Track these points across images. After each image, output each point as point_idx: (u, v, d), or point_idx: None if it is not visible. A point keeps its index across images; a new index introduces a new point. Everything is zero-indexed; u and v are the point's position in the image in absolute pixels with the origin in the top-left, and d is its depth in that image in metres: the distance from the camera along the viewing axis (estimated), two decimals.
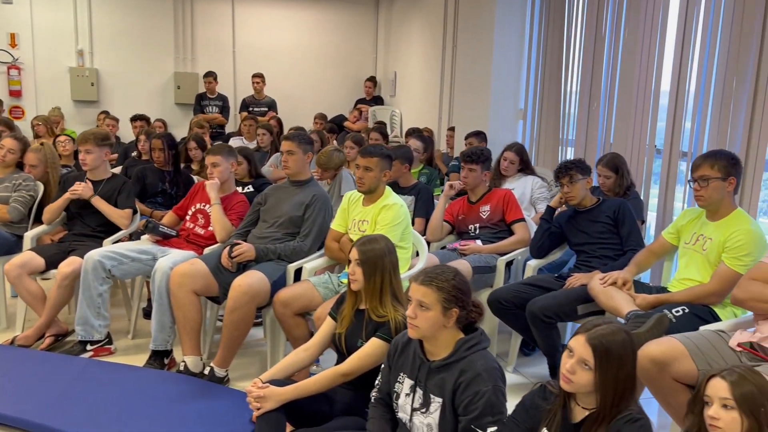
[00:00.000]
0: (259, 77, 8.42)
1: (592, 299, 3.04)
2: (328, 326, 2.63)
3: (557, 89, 5.58)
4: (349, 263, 2.55)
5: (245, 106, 8.44)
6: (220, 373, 3.24)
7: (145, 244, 3.74)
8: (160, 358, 3.40)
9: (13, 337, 3.64)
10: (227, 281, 3.24)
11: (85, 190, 3.84)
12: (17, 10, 8.34)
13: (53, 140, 5.61)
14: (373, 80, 9.37)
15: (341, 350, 2.56)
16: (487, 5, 6.01)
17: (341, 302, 2.65)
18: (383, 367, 2.31)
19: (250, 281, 3.14)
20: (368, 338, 2.44)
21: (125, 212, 3.90)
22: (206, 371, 3.25)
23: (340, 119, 8.78)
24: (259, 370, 3.46)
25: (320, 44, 9.65)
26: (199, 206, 3.87)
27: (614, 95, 4.84)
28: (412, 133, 6.11)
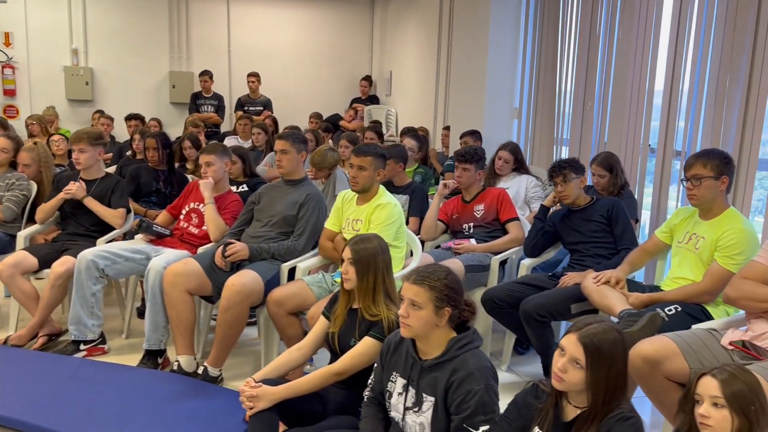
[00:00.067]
0: (254, 76, 8.41)
1: (585, 298, 3.05)
2: (321, 325, 2.63)
3: (552, 88, 5.59)
4: (342, 262, 2.55)
5: (240, 105, 8.43)
6: (213, 372, 3.24)
7: (138, 243, 3.74)
8: (153, 357, 3.40)
9: (6, 336, 3.63)
10: (221, 280, 3.23)
11: (78, 190, 3.83)
12: (11, 8, 8.32)
13: (47, 139, 5.60)
14: (368, 79, 9.35)
15: (334, 349, 2.56)
16: (482, 5, 6.01)
17: (334, 301, 2.65)
18: (376, 366, 2.31)
19: (243, 280, 3.14)
20: (361, 337, 2.44)
21: (118, 212, 3.89)
22: (200, 371, 3.25)
23: (335, 118, 8.77)
24: (252, 369, 3.45)
25: (316, 43, 9.64)
26: (192, 205, 3.86)
27: (608, 94, 4.84)
28: (406, 132, 6.12)
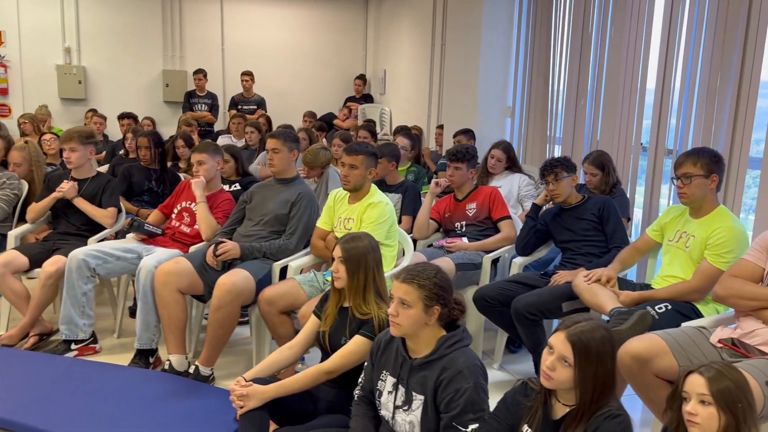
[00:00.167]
0: (248, 75, 8.39)
1: (576, 296, 3.05)
2: (312, 324, 2.63)
3: (544, 87, 5.60)
4: (333, 261, 2.55)
5: (234, 104, 8.41)
6: (205, 371, 3.23)
7: (130, 242, 3.73)
8: (145, 356, 3.39)
9: None
10: (212, 280, 3.22)
11: (70, 189, 3.82)
12: (3, 7, 8.27)
13: (39, 138, 5.58)
14: (362, 78, 9.34)
15: (325, 348, 2.56)
16: (475, 4, 6.01)
17: (325, 300, 2.64)
18: (366, 364, 2.31)
19: (234, 280, 3.13)
20: (352, 336, 2.44)
21: (109, 211, 3.87)
22: (191, 370, 3.24)
23: (329, 117, 8.76)
24: (244, 368, 3.44)
25: (310, 42, 9.62)
26: (184, 204, 3.85)
27: (601, 93, 4.85)
28: (399, 131, 6.11)
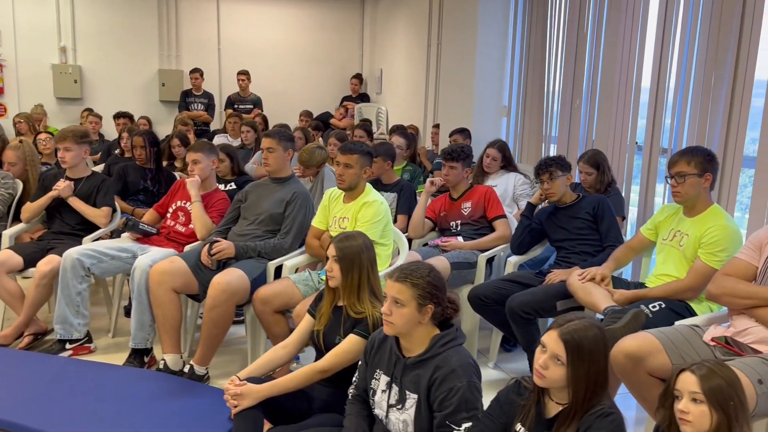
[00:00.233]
0: (244, 74, 8.38)
1: (571, 295, 3.05)
2: (306, 323, 2.63)
3: (540, 86, 5.60)
4: (327, 260, 2.55)
5: (230, 103, 8.40)
6: (199, 371, 3.23)
7: (125, 241, 3.72)
8: (139, 356, 3.38)
9: None
10: (207, 279, 3.22)
11: (65, 188, 3.81)
12: None
13: (34, 138, 5.57)
14: (359, 77, 9.34)
15: (319, 347, 2.56)
16: (470, 4, 6.01)
17: (320, 299, 2.64)
18: (360, 363, 2.31)
19: (229, 279, 3.13)
20: (346, 335, 2.44)
21: (103, 211, 3.86)
22: (186, 369, 3.24)
23: (326, 116, 8.76)
24: (239, 367, 3.43)
25: (306, 41, 9.61)
26: (179, 204, 3.85)
27: (596, 92, 4.86)
28: (395, 130, 6.11)
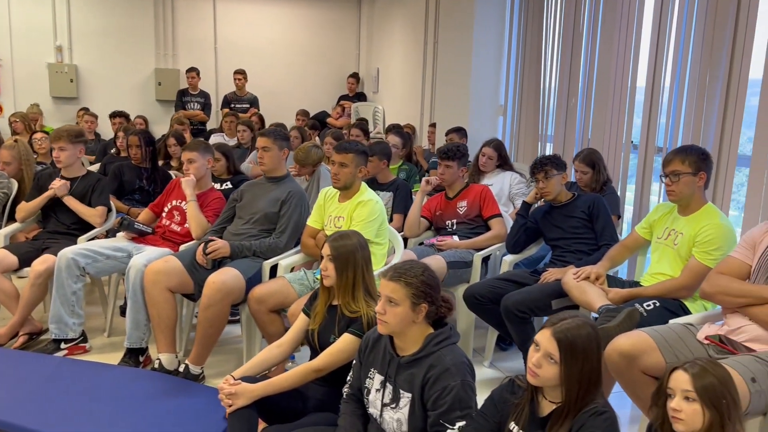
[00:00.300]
0: (240, 74, 8.37)
1: (566, 294, 3.06)
2: (301, 322, 2.63)
3: (536, 85, 5.61)
4: (322, 259, 2.54)
5: (227, 102, 8.39)
6: (195, 370, 3.23)
7: (120, 241, 3.72)
8: (135, 355, 3.38)
9: None
10: (202, 278, 3.21)
11: (61, 187, 3.81)
12: None
13: (30, 137, 5.56)
14: (355, 77, 9.34)
15: (314, 346, 2.56)
16: (467, 3, 6.02)
17: (315, 298, 2.64)
18: (354, 362, 2.31)
19: (224, 278, 3.12)
20: (341, 334, 2.44)
21: (98, 210, 3.86)
22: (181, 369, 3.23)
23: (323, 116, 8.75)
24: (235, 367, 3.41)
25: (303, 40, 9.61)
26: (175, 203, 3.84)
27: (592, 91, 4.86)
28: (391, 129, 6.11)
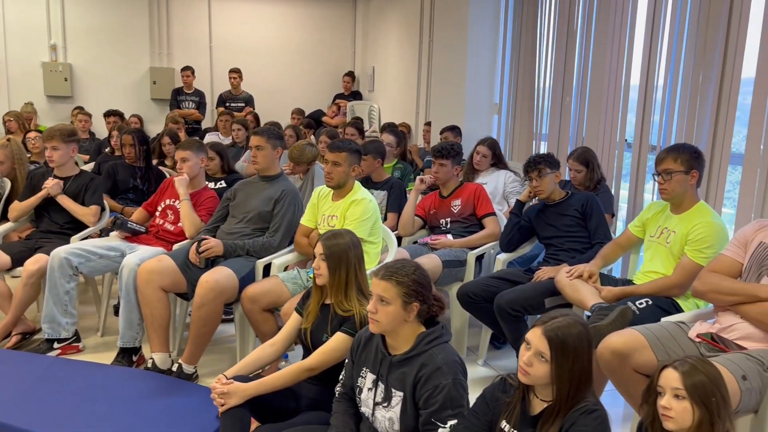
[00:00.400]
0: (236, 72, 8.36)
1: (559, 292, 3.06)
2: (294, 321, 2.63)
3: (531, 84, 5.61)
4: (314, 258, 2.54)
5: (222, 101, 8.38)
6: (188, 369, 3.22)
7: (113, 240, 3.71)
8: (128, 355, 3.37)
9: None
10: (195, 277, 3.20)
11: (54, 186, 3.80)
12: None
13: (24, 136, 5.54)
14: (351, 75, 9.33)
15: (307, 345, 2.56)
16: (461, 3, 6.02)
17: (307, 297, 2.64)
18: (347, 361, 2.30)
19: (217, 277, 3.12)
20: (333, 333, 2.44)
21: (91, 209, 3.85)
22: (174, 368, 3.23)
23: (318, 114, 8.74)
24: (228, 366, 3.39)
25: (298, 39, 9.59)
26: (168, 202, 3.84)
27: (586, 90, 4.86)
28: (386, 127, 6.11)
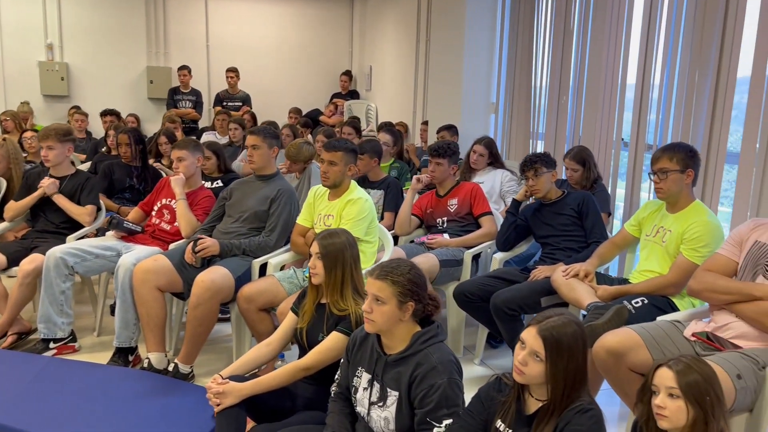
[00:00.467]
0: (233, 72, 8.35)
1: (555, 291, 3.06)
2: (290, 321, 2.62)
3: (527, 83, 5.61)
4: (310, 257, 2.54)
5: (219, 100, 8.37)
6: (184, 369, 3.22)
7: (109, 240, 3.70)
8: (124, 355, 3.37)
9: None
10: (191, 277, 3.20)
11: (50, 186, 3.79)
12: None
13: (20, 136, 5.53)
14: (348, 74, 9.33)
15: (302, 345, 2.55)
16: (458, 2, 6.02)
17: (303, 297, 2.64)
18: (342, 361, 2.30)
19: (213, 277, 3.12)
20: (329, 332, 2.43)
21: (87, 209, 3.84)
22: (171, 368, 3.22)
23: (315, 114, 8.74)
24: (225, 365, 3.39)
25: (295, 38, 9.59)
26: (164, 201, 3.83)
27: (582, 89, 4.87)
28: (383, 127, 6.11)
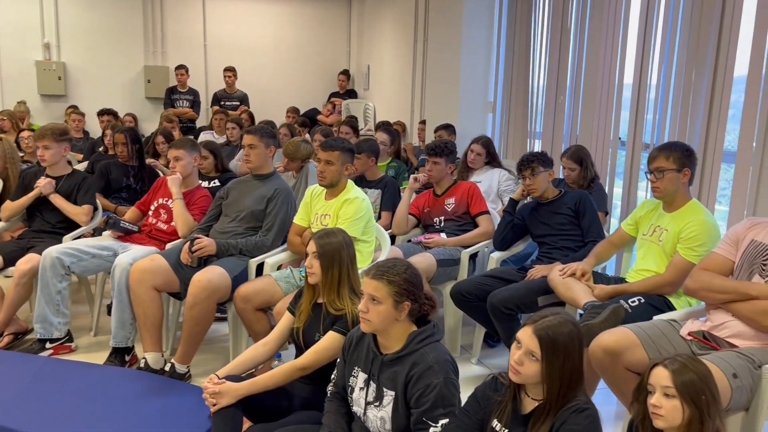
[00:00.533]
0: (230, 71, 8.34)
1: (552, 290, 3.06)
2: (286, 321, 2.62)
3: (525, 83, 5.61)
4: (307, 256, 2.54)
5: (217, 100, 8.36)
6: (181, 369, 3.21)
7: (106, 239, 3.70)
8: (120, 355, 3.36)
9: None
10: (188, 277, 3.20)
11: (46, 185, 3.78)
12: None
13: (17, 135, 5.52)
14: (346, 74, 9.32)
15: (299, 344, 2.55)
16: (456, 2, 6.01)
17: (300, 296, 2.63)
18: (339, 361, 2.30)
19: (209, 276, 3.11)
20: (326, 332, 2.43)
21: (84, 209, 3.83)
22: (167, 368, 3.22)
23: (313, 113, 8.73)
24: (222, 365, 3.37)
25: (293, 38, 9.57)
26: (161, 201, 3.83)
27: (580, 89, 4.87)
28: (380, 126, 6.10)
